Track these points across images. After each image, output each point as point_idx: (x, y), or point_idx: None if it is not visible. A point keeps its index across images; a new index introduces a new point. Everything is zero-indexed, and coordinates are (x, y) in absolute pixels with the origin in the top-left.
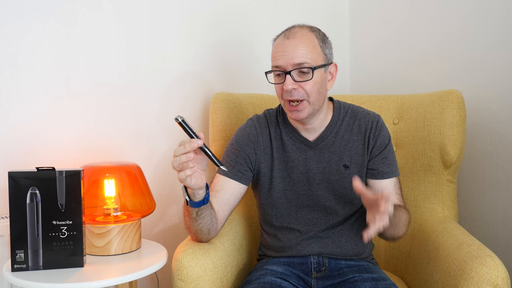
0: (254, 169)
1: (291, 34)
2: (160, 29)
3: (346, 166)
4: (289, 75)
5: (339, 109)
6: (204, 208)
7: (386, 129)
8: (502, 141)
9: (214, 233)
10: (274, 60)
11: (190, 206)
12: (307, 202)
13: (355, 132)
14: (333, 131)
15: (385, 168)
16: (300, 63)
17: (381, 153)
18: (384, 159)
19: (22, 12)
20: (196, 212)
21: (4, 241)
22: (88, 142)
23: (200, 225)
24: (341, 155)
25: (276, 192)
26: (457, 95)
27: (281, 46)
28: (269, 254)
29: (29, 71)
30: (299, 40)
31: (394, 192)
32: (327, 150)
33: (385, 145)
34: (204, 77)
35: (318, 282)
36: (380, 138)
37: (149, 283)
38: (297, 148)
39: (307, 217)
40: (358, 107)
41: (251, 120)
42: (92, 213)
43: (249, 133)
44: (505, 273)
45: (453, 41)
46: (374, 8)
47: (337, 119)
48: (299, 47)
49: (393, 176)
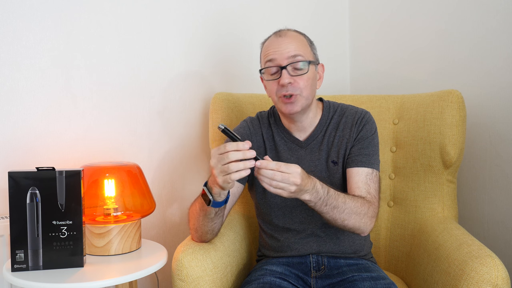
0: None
1: (282, 33)
2: (160, 29)
3: (334, 162)
4: (285, 70)
5: (329, 108)
6: (223, 207)
7: (372, 123)
8: (502, 141)
9: (217, 232)
10: (268, 56)
11: (212, 206)
12: (300, 201)
13: (341, 128)
14: (322, 129)
15: (360, 158)
16: (294, 55)
17: (360, 143)
18: (362, 149)
19: (22, 12)
20: (215, 212)
21: (4, 241)
22: (88, 142)
23: (215, 225)
24: (329, 152)
25: (270, 194)
26: (457, 95)
27: (275, 42)
28: (268, 254)
29: (29, 71)
30: (290, 37)
31: (364, 182)
32: (317, 148)
33: (367, 137)
34: (204, 77)
35: (318, 282)
36: (364, 130)
37: (149, 283)
38: (289, 148)
39: (301, 215)
40: (348, 105)
41: (244, 122)
42: (92, 213)
43: (243, 134)
44: (505, 273)
45: (453, 41)
46: (374, 8)
47: (326, 118)
48: (293, 43)
49: (366, 167)
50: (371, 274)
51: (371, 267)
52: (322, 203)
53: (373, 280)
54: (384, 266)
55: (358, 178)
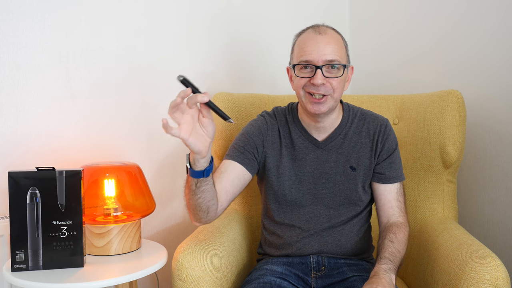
0: (260, 161)
1: (322, 30)
2: (160, 29)
3: (353, 168)
4: (320, 70)
5: (348, 111)
6: (203, 181)
7: (394, 133)
8: (502, 141)
9: (213, 214)
10: (304, 54)
11: (190, 176)
12: (311, 200)
13: (363, 135)
14: (342, 132)
15: (391, 173)
16: (331, 60)
17: (388, 158)
18: (391, 163)
19: (22, 12)
20: (195, 183)
21: (4, 241)
22: (88, 142)
23: (199, 200)
24: (348, 156)
25: (282, 188)
26: (457, 95)
27: (313, 40)
28: (269, 251)
29: (29, 71)
30: (330, 37)
31: (395, 199)
32: (335, 151)
33: (393, 150)
34: (204, 77)
35: (318, 282)
36: (388, 142)
37: (149, 283)
38: (306, 147)
39: (309, 215)
40: (367, 111)
41: (261, 116)
42: (92, 213)
43: (260, 126)
44: (505, 273)
45: (453, 41)
46: (374, 8)
47: (346, 121)
48: (331, 44)
49: (397, 181)
50: None
51: (371, 268)
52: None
53: None
54: None
55: (390, 196)
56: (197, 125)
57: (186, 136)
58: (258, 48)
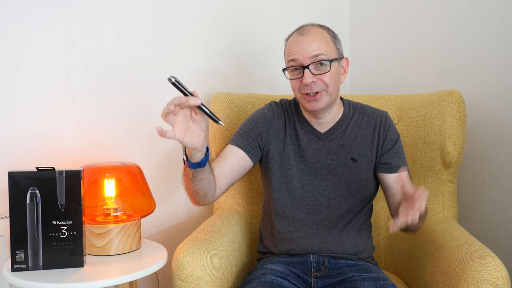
0: (263, 148)
1: (305, 31)
2: (159, 29)
3: (354, 159)
4: (307, 69)
5: (349, 106)
6: (200, 171)
7: (394, 125)
8: (502, 141)
9: (211, 198)
10: (290, 55)
11: (188, 167)
12: (312, 191)
13: (364, 127)
14: (343, 125)
15: (398, 162)
16: (316, 55)
17: (393, 148)
18: (396, 153)
19: (22, 12)
20: (192, 173)
21: (4, 241)
22: (88, 142)
23: (196, 187)
24: (349, 148)
25: (284, 178)
26: (457, 95)
27: (296, 42)
28: (269, 247)
29: (29, 71)
30: (313, 35)
31: (411, 185)
32: (337, 142)
33: (396, 140)
34: (204, 77)
35: (318, 281)
36: (390, 133)
37: (149, 283)
38: (308, 138)
39: (309, 206)
40: (366, 105)
41: (268, 104)
42: (92, 213)
43: (266, 114)
44: (505, 273)
45: (453, 41)
46: (374, 8)
47: (347, 114)
48: (314, 42)
49: (407, 169)
50: (371, 275)
51: (372, 268)
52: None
53: (373, 280)
54: (384, 266)
55: (408, 183)
56: (190, 123)
57: (181, 136)
58: (258, 48)
